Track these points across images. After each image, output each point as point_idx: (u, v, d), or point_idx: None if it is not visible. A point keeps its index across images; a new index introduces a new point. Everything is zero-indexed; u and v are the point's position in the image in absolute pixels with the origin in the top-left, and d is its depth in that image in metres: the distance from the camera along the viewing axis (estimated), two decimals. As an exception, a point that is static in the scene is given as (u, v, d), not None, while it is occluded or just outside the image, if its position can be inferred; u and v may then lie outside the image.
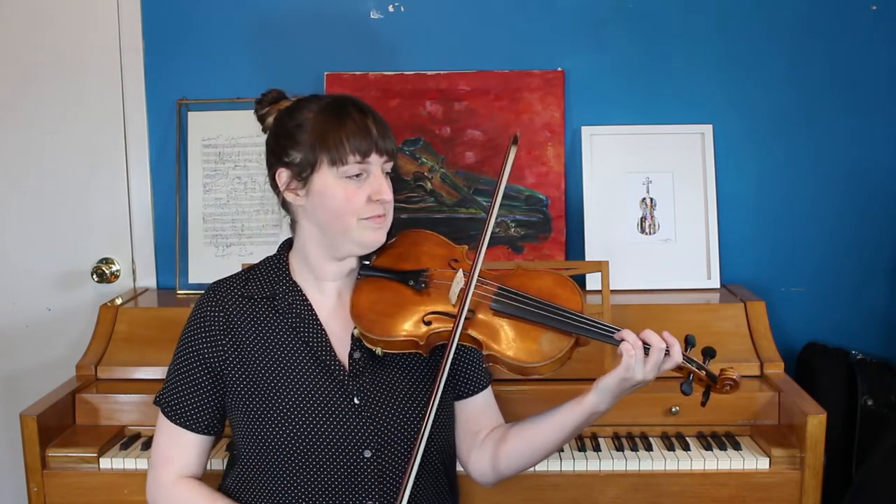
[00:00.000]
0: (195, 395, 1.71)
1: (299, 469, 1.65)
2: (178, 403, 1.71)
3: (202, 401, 1.71)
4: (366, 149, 1.63)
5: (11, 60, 2.61)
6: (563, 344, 1.62)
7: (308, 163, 1.64)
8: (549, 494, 2.05)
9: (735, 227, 2.60)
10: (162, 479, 1.71)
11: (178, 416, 1.71)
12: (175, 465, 1.71)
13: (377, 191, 1.65)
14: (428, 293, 1.70)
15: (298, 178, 1.66)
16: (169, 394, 1.72)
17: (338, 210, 1.65)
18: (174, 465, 1.71)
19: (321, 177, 1.64)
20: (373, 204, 1.65)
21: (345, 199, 1.64)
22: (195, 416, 1.71)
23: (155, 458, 1.73)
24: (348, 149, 1.62)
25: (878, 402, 2.40)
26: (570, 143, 2.59)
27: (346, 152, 1.62)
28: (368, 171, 1.65)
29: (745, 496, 2.03)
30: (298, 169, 1.66)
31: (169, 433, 1.72)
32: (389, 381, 1.70)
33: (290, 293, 1.73)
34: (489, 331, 1.65)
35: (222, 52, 2.60)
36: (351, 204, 1.64)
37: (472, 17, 2.58)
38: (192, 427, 1.71)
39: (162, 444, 1.73)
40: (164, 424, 1.73)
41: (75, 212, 2.66)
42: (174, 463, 1.72)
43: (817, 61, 2.57)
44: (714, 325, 2.28)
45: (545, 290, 1.69)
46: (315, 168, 1.64)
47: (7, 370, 2.71)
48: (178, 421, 1.71)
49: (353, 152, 1.63)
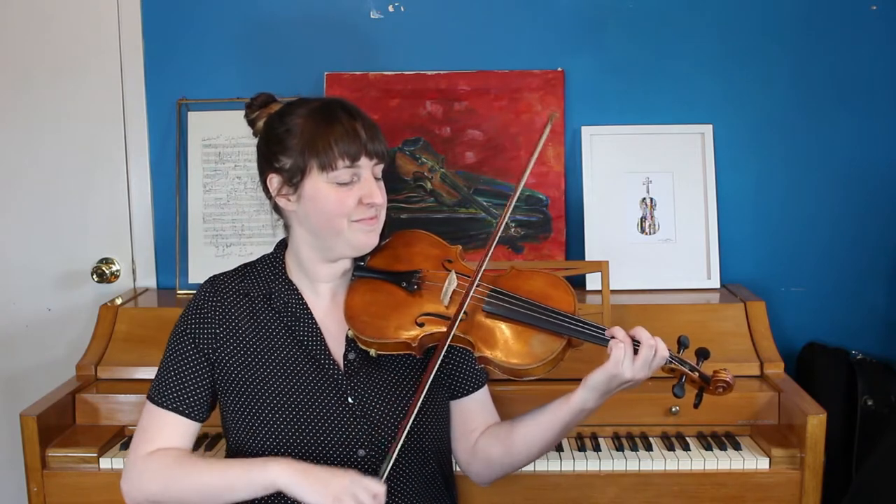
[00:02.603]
0: (184, 378, 1.69)
1: None
2: (166, 387, 1.69)
3: (191, 385, 1.69)
4: (355, 152, 1.64)
5: (11, 60, 2.61)
6: (554, 346, 1.62)
7: (298, 168, 1.65)
8: (549, 494, 2.05)
9: (735, 227, 2.60)
10: (136, 453, 1.67)
11: (164, 399, 1.69)
12: (153, 444, 1.67)
13: (368, 194, 1.66)
14: (421, 294, 1.70)
15: (289, 184, 1.67)
16: (158, 380, 1.71)
17: (329, 213, 1.65)
18: (152, 444, 1.67)
19: (312, 182, 1.65)
20: (363, 207, 1.66)
21: (336, 201, 1.64)
22: (182, 399, 1.68)
23: (134, 440, 1.70)
24: (337, 153, 1.63)
25: (878, 402, 2.40)
26: (570, 143, 2.59)
27: (334, 156, 1.63)
28: (359, 175, 1.65)
29: (745, 496, 2.03)
30: (289, 175, 1.66)
31: (152, 415, 1.69)
32: (384, 381, 1.71)
33: (287, 292, 1.74)
34: (481, 333, 1.65)
35: (222, 52, 2.60)
36: (342, 207, 1.64)
37: (472, 17, 2.58)
38: (176, 408, 1.68)
39: (143, 426, 1.70)
40: (149, 409, 1.71)
41: (75, 212, 2.66)
42: (152, 443, 1.67)
43: (817, 61, 2.57)
44: (714, 325, 2.28)
45: (537, 291, 1.69)
46: (305, 174, 1.65)
47: (7, 370, 2.71)
48: (163, 403, 1.69)
49: (341, 156, 1.63)
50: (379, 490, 1.51)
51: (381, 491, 1.52)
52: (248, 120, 1.78)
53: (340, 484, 1.51)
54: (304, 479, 1.53)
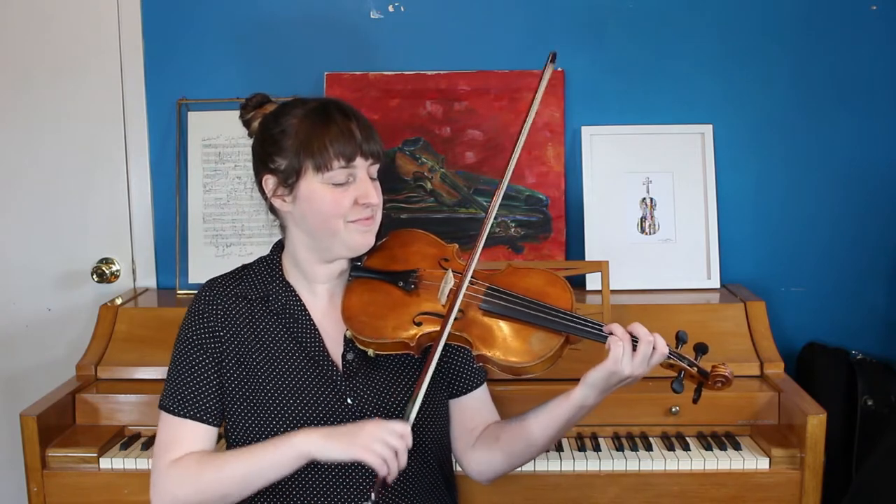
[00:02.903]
0: (198, 384, 1.69)
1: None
2: (181, 395, 1.68)
3: (205, 390, 1.69)
4: (350, 153, 1.63)
5: (11, 60, 2.61)
6: (552, 343, 1.62)
7: (293, 169, 1.65)
8: (549, 494, 2.05)
9: (735, 227, 2.60)
10: (160, 465, 1.66)
11: (180, 408, 1.68)
12: (175, 452, 1.66)
13: (363, 194, 1.65)
14: (418, 294, 1.70)
15: (285, 185, 1.67)
16: (170, 389, 1.70)
17: (325, 214, 1.65)
18: (174, 453, 1.66)
19: (307, 183, 1.65)
20: (359, 207, 1.66)
21: (332, 202, 1.64)
22: (197, 405, 1.68)
23: (155, 453, 1.69)
24: (332, 153, 1.62)
25: (878, 402, 2.40)
26: (570, 143, 2.58)
27: (330, 157, 1.63)
28: (354, 176, 1.65)
29: (745, 496, 2.03)
30: (284, 175, 1.66)
31: (170, 425, 1.69)
32: (382, 381, 1.71)
33: (284, 294, 1.74)
34: (478, 331, 1.65)
35: (222, 52, 2.60)
36: (338, 207, 1.64)
37: (472, 17, 2.58)
38: (194, 415, 1.68)
39: (162, 437, 1.69)
40: (165, 419, 1.69)
41: (75, 212, 2.66)
42: (174, 451, 1.66)
43: (817, 61, 2.57)
44: (714, 325, 2.28)
45: (534, 289, 1.69)
46: (300, 174, 1.65)
47: (7, 370, 2.71)
48: (180, 412, 1.68)
49: (336, 157, 1.63)
50: (405, 431, 1.53)
51: (406, 431, 1.53)
52: (244, 120, 1.78)
53: (368, 433, 1.52)
54: (332, 439, 1.54)
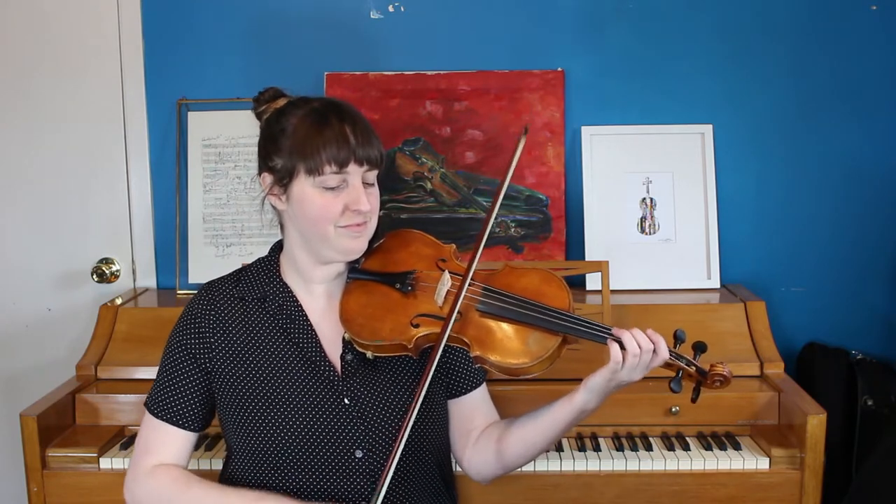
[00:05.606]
0: (180, 390, 1.70)
1: (290, 469, 1.65)
2: (163, 399, 1.71)
3: (187, 396, 1.70)
4: (343, 158, 1.62)
5: (11, 60, 2.61)
6: (549, 343, 1.62)
7: (287, 170, 1.65)
8: (549, 494, 2.05)
9: (735, 227, 2.60)
10: (139, 469, 1.69)
11: (161, 411, 1.71)
12: (154, 456, 1.69)
13: (354, 200, 1.64)
14: (415, 295, 1.69)
15: (279, 184, 1.67)
16: (155, 390, 1.73)
17: (315, 218, 1.64)
18: (153, 457, 1.69)
19: (299, 185, 1.64)
20: (350, 213, 1.65)
21: (322, 206, 1.64)
22: (179, 411, 1.70)
23: (135, 452, 1.73)
24: (324, 158, 1.61)
25: (878, 402, 2.40)
26: (570, 143, 2.58)
27: (321, 162, 1.61)
28: (347, 181, 1.64)
29: (745, 496, 2.03)
30: (279, 175, 1.66)
31: (151, 427, 1.72)
32: (381, 382, 1.71)
33: (281, 295, 1.73)
34: (476, 332, 1.64)
35: (222, 51, 2.60)
36: (327, 213, 1.64)
37: (472, 17, 2.58)
38: (173, 420, 1.70)
39: (143, 437, 1.73)
40: (148, 419, 1.73)
41: (75, 212, 2.66)
42: (154, 455, 1.70)
43: (817, 61, 2.57)
44: (714, 325, 2.28)
45: (531, 289, 1.68)
46: (293, 176, 1.64)
47: (7, 370, 2.71)
48: (161, 415, 1.71)
49: (328, 162, 1.61)
50: None
51: None
52: (256, 113, 1.77)
53: None
54: None
